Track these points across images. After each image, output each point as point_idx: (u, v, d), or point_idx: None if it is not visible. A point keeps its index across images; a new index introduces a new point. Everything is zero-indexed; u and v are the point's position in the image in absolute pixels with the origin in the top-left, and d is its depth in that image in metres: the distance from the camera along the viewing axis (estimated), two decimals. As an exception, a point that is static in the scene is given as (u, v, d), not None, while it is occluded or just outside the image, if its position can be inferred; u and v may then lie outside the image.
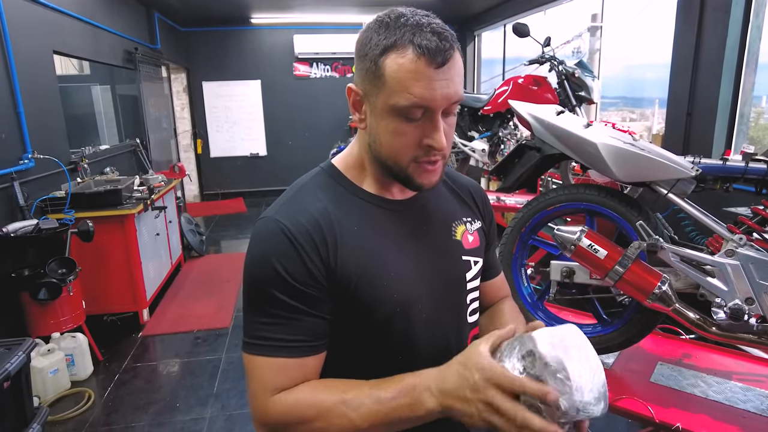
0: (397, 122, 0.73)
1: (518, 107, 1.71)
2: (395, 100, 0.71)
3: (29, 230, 2.89)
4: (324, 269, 0.75)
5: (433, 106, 0.71)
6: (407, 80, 0.70)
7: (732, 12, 3.22)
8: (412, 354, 0.82)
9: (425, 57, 0.69)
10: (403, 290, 0.79)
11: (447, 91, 0.71)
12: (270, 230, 0.75)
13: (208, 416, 2.67)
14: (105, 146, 4.89)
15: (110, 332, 3.62)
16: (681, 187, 1.49)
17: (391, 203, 0.84)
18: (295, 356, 0.74)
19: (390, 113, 0.73)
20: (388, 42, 0.71)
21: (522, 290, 1.81)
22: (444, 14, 7.96)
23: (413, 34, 0.70)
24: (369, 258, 0.78)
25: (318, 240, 0.75)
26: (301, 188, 0.83)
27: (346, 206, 0.80)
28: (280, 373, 0.74)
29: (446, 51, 0.70)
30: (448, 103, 0.72)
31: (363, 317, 0.78)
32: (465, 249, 0.90)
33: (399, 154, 0.76)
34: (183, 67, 7.89)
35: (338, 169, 0.85)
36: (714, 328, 1.41)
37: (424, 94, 0.70)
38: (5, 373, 1.88)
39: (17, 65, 3.12)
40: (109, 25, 4.84)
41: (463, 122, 3.76)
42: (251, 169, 8.54)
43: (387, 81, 0.71)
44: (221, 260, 5.48)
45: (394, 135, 0.74)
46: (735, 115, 3.38)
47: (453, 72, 0.71)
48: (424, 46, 0.69)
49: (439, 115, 0.73)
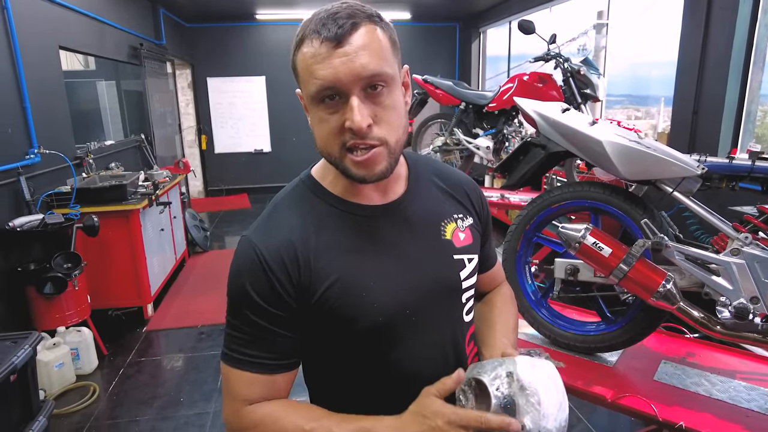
0: (319, 111, 0.73)
1: (523, 104, 1.70)
2: (308, 88, 0.72)
3: (35, 225, 2.91)
4: (293, 291, 0.76)
5: (340, 85, 0.69)
6: (310, 66, 0.70)
7: (740, 10, 3.20)
8: (405, 358, 0.81)
9: (319, 39, 0.69)
10: (384, 299, 0.78)
11: (351, 66, 0.68)
12: (244, 251, 0.78)
13: (212, 411, 2.68)
14: (110, 142, 4.91)
15: (115, 327, 3.65)
16: (686, 185, 1.49)
17: (369, 209, 0.82)
18: (263, 373, 0.77)
19: (311, 105, 0.73)
20: (297, 39, 0.72)
21: (526, 288, 1.81)
22: (449, 11, 7.98)
23: (312, 24, 0.70)
24: (346, 270, 0.77)
25: (288, 261, 0.75)
26: (277, 204, 0.83)
27: (321, 219, 0.80)
28: (249, 386, 0.77)
29: (341, 27, 0.68)
30: (358, 79, 0.68)
31: (345, 329, 0.78)
32: (456, 248, 0.87)
33: (328, 144, 0.74)
34: (188, 63, 7.90)
35: (315, 179, 0.84)
36: (718, 327, 1.41)
37: (325, 74, 0.68)
38: (12, 367, 1.89)
39: (23, 61, 3.14)
40: (115, 20, 4.85)
41: (467, 119, 3.75)
42: (255, 166, 8.55)
43: (300, 74, 0.73)
44: (225, 256, 5.49)
45: (320, 123, 0.74)
46: (742, 114, 3.36)
47: (357, 46, 0.68)
48: (318, 30, 0.69)
49: (355, 95, 0.69)
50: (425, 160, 0.94)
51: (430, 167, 0.93)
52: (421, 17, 8.05)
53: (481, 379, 0.71)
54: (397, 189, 0.85)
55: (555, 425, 0.68)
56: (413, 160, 0.91)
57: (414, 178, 0.88)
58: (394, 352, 0.81)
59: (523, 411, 0.67)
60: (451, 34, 8.54)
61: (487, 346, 0.92)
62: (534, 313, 1.78)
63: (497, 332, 0.94)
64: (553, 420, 0.68)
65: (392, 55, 0.73)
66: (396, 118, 0.74)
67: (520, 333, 1.87)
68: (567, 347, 1.71)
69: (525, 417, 0.67)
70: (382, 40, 0.71)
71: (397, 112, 0.74)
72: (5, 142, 2.98)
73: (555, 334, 1.73)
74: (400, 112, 0.75)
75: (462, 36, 8.48)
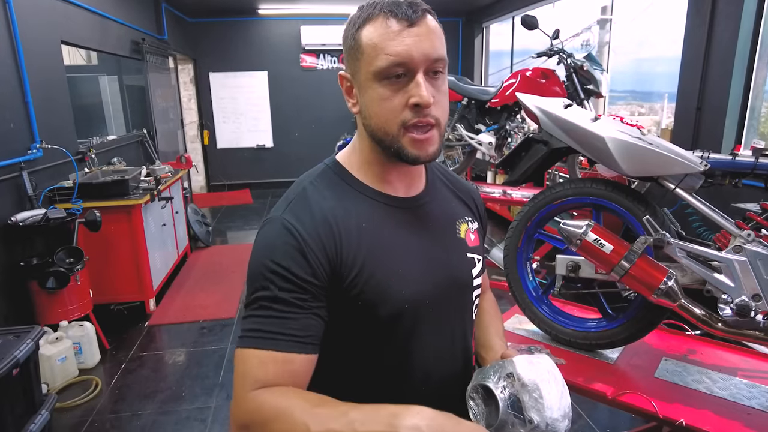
0: (382, 88, 0.74)
1: (526, 100, 1.69)
2: (375, 64, 0.73)
3: (38, 219, 2.92)
4: (329, 268, 0.75)
5: (411, 62, 0.72)
6: (382, 42, 0.72)
7: (745, 5, 3.18)
8: (419, 350, 0.82)
9: (395, 17, 0.71)
10: (411, 287, 0.80)
11: (423, 46, 0.71)
12: (277, 229, 0.76)
13: (214, 405, 2.69)
14: (112, 136, 4.91)
15: (117, 321, 3.66)
16: (689, 182, 1.48)
17: (396, 200, 0.84)
18: (283, 350, 0.72)
19: (373, 81, 0.74)
20: (363, 17, 0.75)
21: (527, 284, 1.81)
22: (452, 5, 7.96)
23: (384, 5, 0.73)
24: (376, 256, 0.78)
25: (325, 239, 0.75)
26: (306, 187, 0.82)
27: (352, 204, 0.80)
28: (262, 367, 0.71)
29: (416, 11, 0.72)
30: (427, 60, 0.72)
31: (370, 314, 0.78)
32: (469, 246, 0.91)
33: (388, 122, 0.75)
34: (190, 58, 7.89)
35: (343, 166, 0.85)
36: (720, 325, 1.40)
37: (398, 51, 0.71)
38: (14, 360, 1.90)
39: (25, 55, 3.14)
40: (117, 15, 4.84)
41: (470, 115, 3.73)
42: (257, 161, 8.56)
43: (364, 50, 0.74)
44: (227, 251, 5.50)
45: (380, 101, 0.75)
46: (746, 110, 3.34)
47: (427, 30, 0.73)
48: (393, 10, 0.72)
49: (421, 73, 0.72)
50: (435, 164, 0.97)
51: (440, 170, 0.97)
52: (424, 12, 8.01)
53: (487, 384, 0.77)
54: (419, 185, 0.88)
55: (560, 414, 0.73)
56: None
57: (431, 178, 0.92)
58: (410, 343, 0.82)
59: (528, 406, 0.73)
60: (454, 29, 8.51)
61: (486, 348, 0.95)
62: (535, 309, 1.78)
63: (492, 335, 0.98)
64: (557, 409, 0.73)
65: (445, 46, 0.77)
66: (446, 104, 0.79)
67: (520, 329, 1.88)
68: (568, 344, 1.71)
69: (531, 411, 0.72)
70: (441, 30, 0.76)
71: (447, 98, 0.79)
72: (8, 136, 2.98)
73: (556, 330, 1.73)
74: (447, 99, 0.80)
75: (465, 31, 8.45)
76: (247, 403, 0.70)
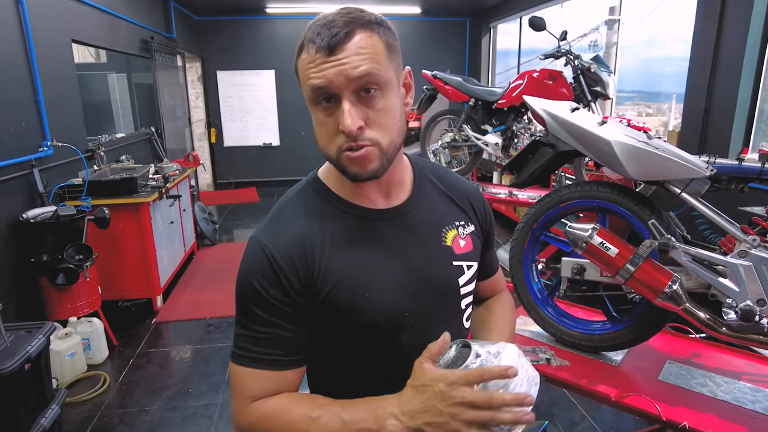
0: (317, 113, 0.76)
1: (533, 103, 1.70)
2: (305, 92, 0.75)
3: (48, 216, 2.95)
4: (301, 287, 0.78)
5: (332, 88, 0.71)
6: (307, 71, 0.73)
7: (755, 6, 3.16)
8: (404, 361, 0.80)
9: (315, 47, 0.72)
10: (386, 300, 0.80)
11: (341, 70, 0.70)
12: (253, 251, 0.81)
13: (220, 402, 2.72)
14: (121, 134, 4.96)
15: (125, 318, 3.70)
16: (695, 186, 1.48)
17: (373, 213, 0.84)
18: (272, 369, 0.79)
19: (310, 107, 0.77)
20: (297, 46, 0.75)
21: (532, 286, 1.82)
22: (460, 6, 7.94)
23: (310, 32, 0.73)
24: (350, 271, 0.79)
25: (297, 260, 0.78)
26: (284, 206, 0.85)
27: (327, 220, 0.82)
28: (257, 383, 0.79)
29: (334, 36, 0.71)
30: (350, 82, 0.71)
31: (348, 328, 0.81)
32: (456, 254, 0.89)
33: (326, 145, 0.77)
34: (198, 56, 7.93)
35: (321, 181, 0.86)
36: (724, 329, 1.41)
37: (318, 78, 0.71)
38: (26, 356, 1.93)
39: (37, 54, 3.17)
40: (126, 14, 4.88)
41: (476, 115, 3.74)
42: (264, 159, 8.59)
43: (300, 79, 0.76)
44: (234, 249, 5.54)
45: (318, 126, 0.77)
46: (754, 113, 3.32)
47: (349, 53, 0.71)
48: (314, 39, 0.72)
49: (347, 97, 0.72)
50: (432, 167, 0.96)
51: (435, 174, 0.95)
52: (431, 12, 8.01)
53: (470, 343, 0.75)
54: (401, 194, 0.87)
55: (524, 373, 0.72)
56: (419, 166, 0.93)
57: (418, 184, 0.90)
58: (394, 351, 0.83)
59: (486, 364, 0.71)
60: (461, 29, 8.50)
61: None
62: (540, 311, 1.79)
63: (493, 337, 0.96)
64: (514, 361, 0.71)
65: (387, 60, 0.74)
66: (389, 121, 0.76)
67: (525, 331, 1.89)
68: (572, 346, 1.72)
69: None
70: (376, 45, 0.73)
71: (391, 114, 0.76)
72: (20, 134, 3.02)
73: (560, 332, 1.74)
74: (394, 114, 0.76)
75: (472, 31, 8.43)
76: (249, 416, 0.79)
